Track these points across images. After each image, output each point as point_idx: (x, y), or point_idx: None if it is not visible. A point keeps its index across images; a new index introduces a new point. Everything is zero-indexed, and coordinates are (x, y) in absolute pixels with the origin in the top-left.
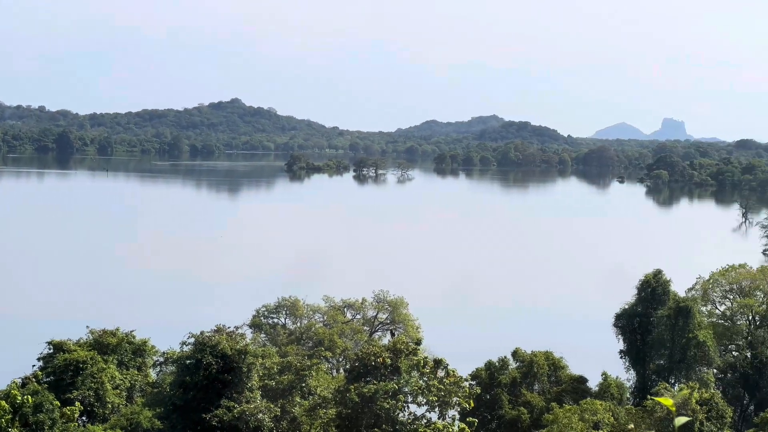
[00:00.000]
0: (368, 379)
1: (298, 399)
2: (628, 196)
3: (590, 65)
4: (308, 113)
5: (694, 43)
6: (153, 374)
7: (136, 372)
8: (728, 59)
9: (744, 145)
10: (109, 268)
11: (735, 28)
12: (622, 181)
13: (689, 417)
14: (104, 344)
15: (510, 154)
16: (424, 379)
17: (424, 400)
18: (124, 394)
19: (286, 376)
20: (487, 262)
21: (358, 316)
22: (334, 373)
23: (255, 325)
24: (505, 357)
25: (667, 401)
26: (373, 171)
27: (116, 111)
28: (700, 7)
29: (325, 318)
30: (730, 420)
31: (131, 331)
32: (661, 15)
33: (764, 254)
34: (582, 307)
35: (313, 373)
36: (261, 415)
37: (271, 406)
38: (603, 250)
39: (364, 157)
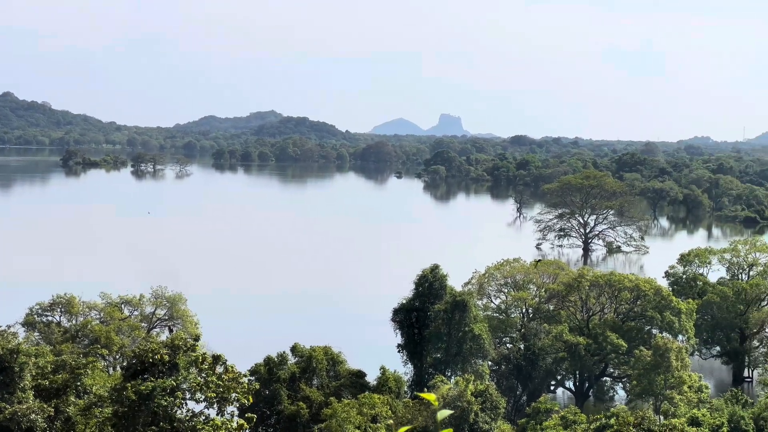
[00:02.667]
0: (146, 376)
1: (72, 398)
2: (406, 191)
3: (368, 60)
4: (85, 108)
5: (467, 42)
6: None
7: None
8: (501, 59)
9: (518, 141)
10: None
11: (518, 31)
12: (399, 177)
13: (451, 411)
14: None
15: (288, 149)
16: (203, 375)
17: (203, 397)
18: None
19: (60, 375)
20: (266, 257)
21: (136, 313)
22: (111, 371)
23: (28, 323)
24: (284, 352)
25: (429, 396)
26: (152, 166)
27: None
28: (476, 7)
29: (102, 315)
30: (503, 410)
31: None
32: (438, 13)
33: (537, 248)
34: (360, 302)
35: (89, 372)
36: (34, 415)
37: (45, 406)
38: (381, 245)
39: (142, 152)
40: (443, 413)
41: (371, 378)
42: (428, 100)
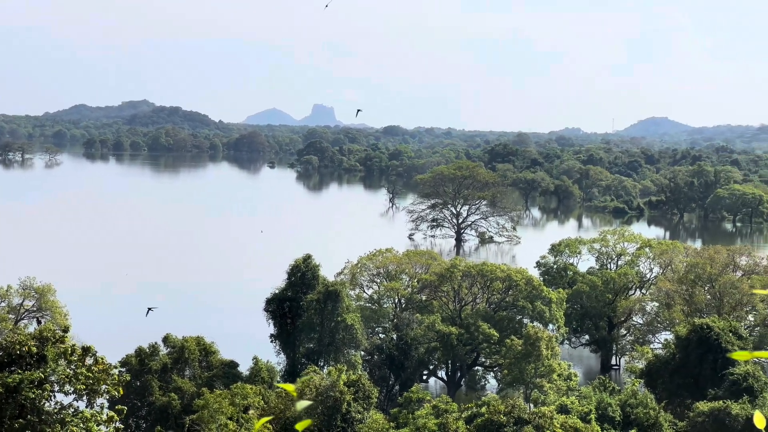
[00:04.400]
0: (13, 368)
1: None
2: (279, 182)
3: (241, 49)
4: None
5: (339, 32)
6: None
7: None
8: (374, 50)
9: (391, 131)
10: None
11: (383, 22)
12: (272, 167)
13: (310, 401)
14: None
15: (161, 139)
16: (72, 367)
17: (72, 389)
18: None
19: None
20: (138, 247)
21: (3, 304)
22: None
23: None
24: (156, 343)
25: (288, 387)
26: (20, 155)
27: None
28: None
29: None
30: (376, 400)
31: None
32: (310, 2)
33: (410, 239)
34: (233, 292)
35: None
36: None
37: None
38: (253, 234)
39: (9, 141)
40: (302, 404)
41: (244, 368)
42: (301, 90)
